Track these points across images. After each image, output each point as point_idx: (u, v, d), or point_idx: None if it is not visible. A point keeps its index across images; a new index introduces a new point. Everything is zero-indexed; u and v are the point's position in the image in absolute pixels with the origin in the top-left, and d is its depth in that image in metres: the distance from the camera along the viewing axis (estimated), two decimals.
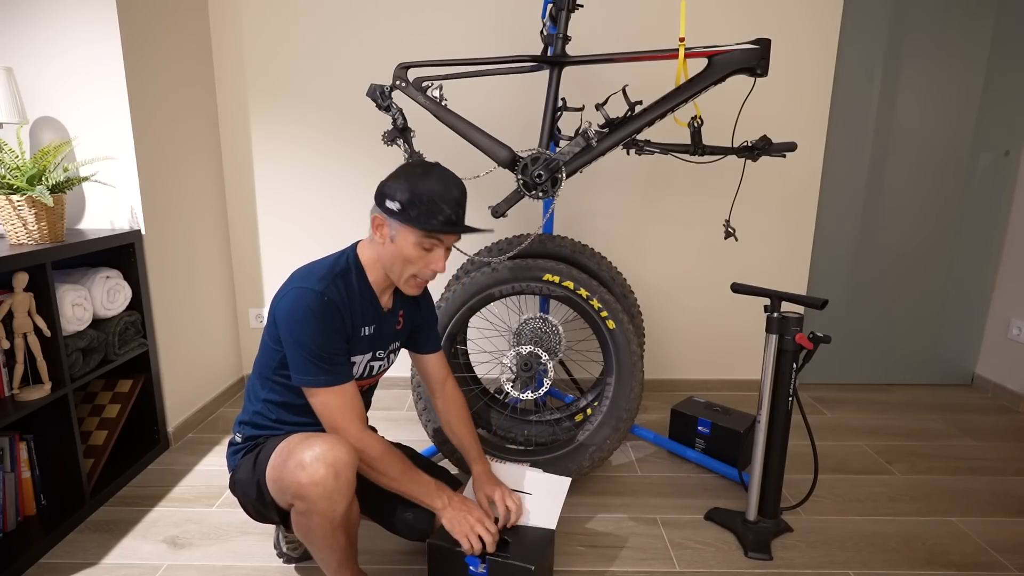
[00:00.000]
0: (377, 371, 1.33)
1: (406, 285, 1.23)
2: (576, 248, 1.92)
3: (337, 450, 1.08)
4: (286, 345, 1.16)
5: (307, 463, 1.06)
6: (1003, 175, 2.41)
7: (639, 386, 1.69)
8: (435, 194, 1.14)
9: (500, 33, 2.25)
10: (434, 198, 1.14)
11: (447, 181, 1.17)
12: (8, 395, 1.46)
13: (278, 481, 1.11)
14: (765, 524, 1.54)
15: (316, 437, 1.11)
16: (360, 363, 1.26)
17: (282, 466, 1.10)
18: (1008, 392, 2.43)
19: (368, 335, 1.25)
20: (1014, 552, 1.49)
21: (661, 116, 1.60)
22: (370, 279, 1.24)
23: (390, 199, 1.15)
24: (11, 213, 1.53)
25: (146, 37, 1.87)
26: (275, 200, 2.40)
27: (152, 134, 1.90)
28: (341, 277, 1.19)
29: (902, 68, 2.32)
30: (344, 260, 1.23)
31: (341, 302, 1.16)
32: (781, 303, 1.46)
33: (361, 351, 1.25)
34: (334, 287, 1.16)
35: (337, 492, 1.07)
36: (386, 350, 1.32)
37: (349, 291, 1.19)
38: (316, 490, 1.05)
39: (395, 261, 1.19)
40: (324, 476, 1.05)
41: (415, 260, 1.18)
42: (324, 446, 1.08)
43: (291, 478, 1.07)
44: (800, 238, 2.45)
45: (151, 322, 1.89)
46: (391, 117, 1.57)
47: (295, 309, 1.13)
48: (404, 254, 1.18)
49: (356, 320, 1.20)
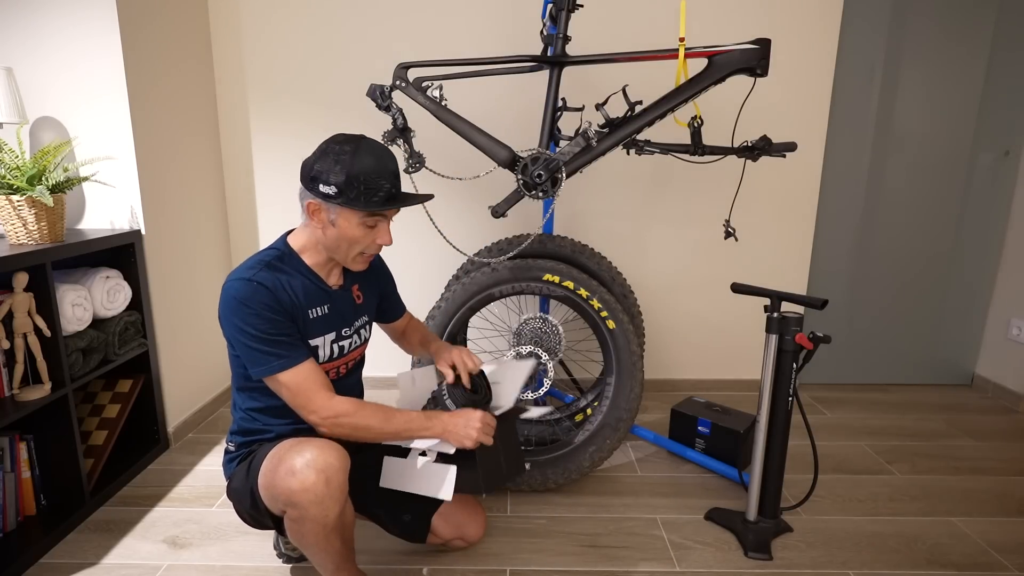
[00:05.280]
0: (350, 349, 1.30)
1: (354, 263, 1.22)
2: (576, 248, 1.92)
3: (327, 454, 1.07)
4: (232, 342, 1.14)
5: (297, 469, 1.05)
6: (1003, 175, 2.41)
7: (639, 386, 1.69)
8: (371, 171, 1.12)
9: (500, 33, 2.25)
10: (371, 175, 1.11)
11: (379, 155, 1.14)
12: (8, 395, 1.46)
13: (269, 488, 1.10)
14: (765, 524, 1.54)
15: (306, 442, 1.09)
16: (323, 345, 1.23)
17: (273, 473, 1.09)
18: (1008, 392, 2.43)
19: (321, 316, 1.22)
20: (1014, 552, 1.49)
21: (661, 116, 1.60)
22: (309, 263, 1.22)
23: (324, 184, 1.11)
24: (11, 213, 1.53)
25: (146, 37, 1.87)
26: (275, 200, 2.40)
27: (152, 134, 1.90)
28: (268, 266, 1.16)
29: (902, 68, 2.32)
30: (272, 251, 1.21)
31: (273, 285, 1.13)
32: (781, 303, 1.46)
33: (319, 332, 1.22)
34: (263, 274, 1.14)
35: (329, 497, 1.06)
36: (351, 327, 1.30)
37: (282, 276, 1.16)
38: (307, 496, 1.04)
39: (339, 243, 1.17)
40: (315, 482, 1.04)
41: (360, 239, 1.17)
42: (314, 451, 1.06)
43: (282, 485, 1.06)
44: (800, 238, 2.45)
45: (151, 322, 1.89)
46: (391, 117, 1.57)
47: (226, 302, 1.12)
48: (348, 236, 1.16)
49: (299, 302, 1.17)
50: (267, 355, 1.11)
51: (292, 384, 1.13)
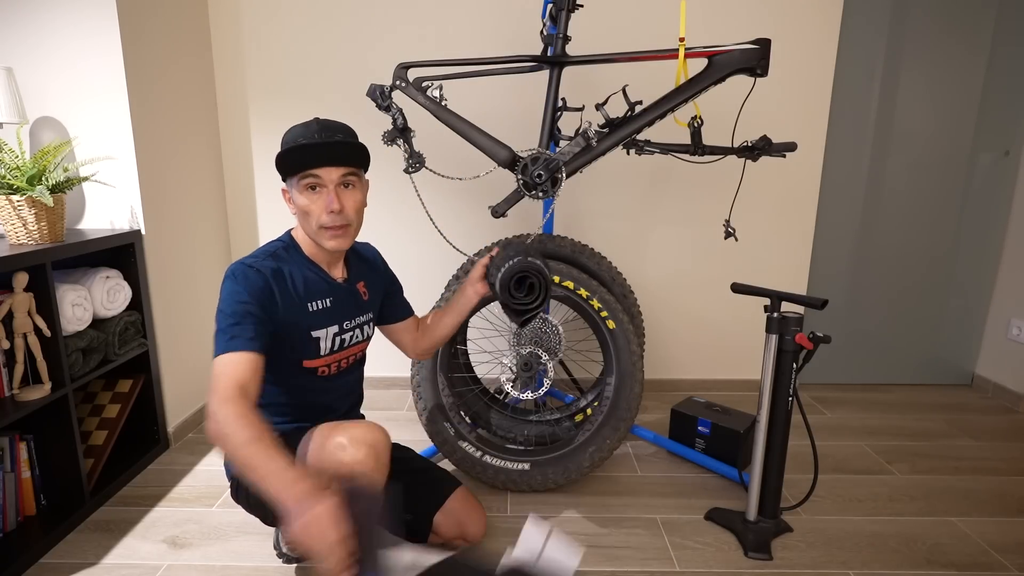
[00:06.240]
0: (351, 343, 1.31)
1: (323, 238, 1.19)
2: (576, 248, 1.92)
3: (375, 431, 1.11)
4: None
5: (347, 444, 1.07)
6: (1003, 175, 2.41)
7: (639, 386, 1.69)
8: (296, 134, 1.16)
9: (500, 33, 2.25)
10: (295, 137, 1.15)
11: (311, 124, 1.17)
12: (8, 395, 1.46)
13: (315, 465, 1.10)
14: (765, 524, 1.54)
15: (351, 423, 1.14)
16: (325, 337, 1.24)
17: (320, 449, 1.10)
18: (1008, 392, 2.43)
19: (323, 309, 1.23)
20: (1014, 552, 1.49)
21: (661, 116, 1.60)
22: (309, 254, 1.24)
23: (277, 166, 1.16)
24: (11, 213, 1.53)
25: (146, 36, 1.87)
26: (275, 200, 2.40)
27: (152, 134, 1.90)
28: (273, 255, 1.20)
29: (902, 68, 2.32)
30: (278, 242, 1.25)
31: (271, 273, 1.15)
32: (781, 303, 1.46)
33: (321, 325, 1.23)
34: (267, 262, 1.17)
35: (376, 471, 1.09)
36: (353, 321, 1.30)
37: (286, 266, 1.19)
38: (359, 469, 1.07)
39: (303, 221, 1.20)
40: (366, 455, 1.07)
41: (312, 209, 1.17)
42: (363, 428, 1.11)
43: (332, 459, 1.07)
44: (800, 238, 2.45)
45: (151, 322, 1.89)
46: (391, 117, 1.57)
47: (222, 286, 1.13)
48: (301, 207, 1.17)
49: (299, 293, 1.19)
50: (220, 337, 1.09)
51: (217, 369, 1.04)
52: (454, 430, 1.74)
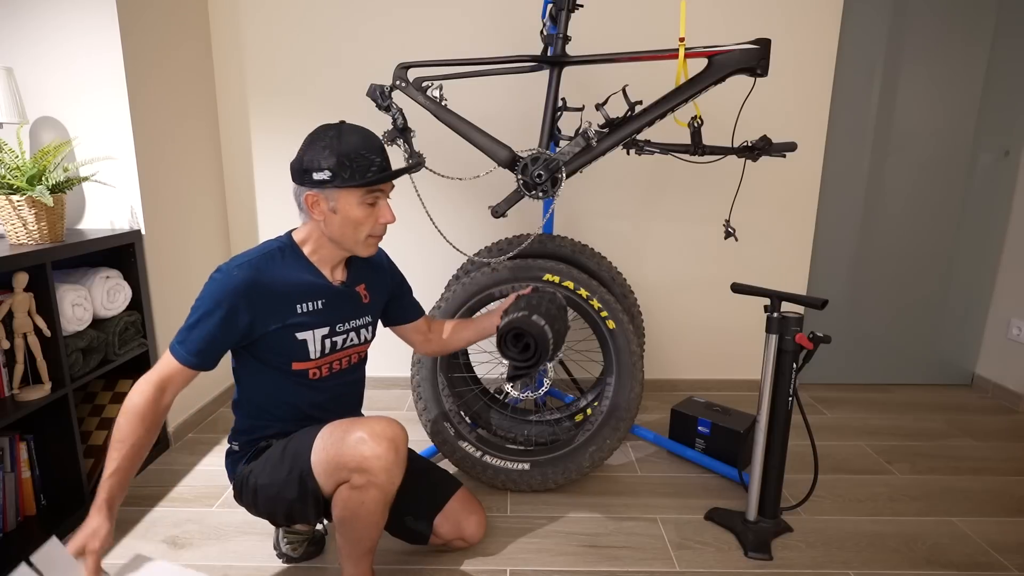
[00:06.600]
0: (343, 346, 1.28)
1: (364, 248, 1.21)
2: (576, 248, 1.92)
3: (393, 426, 1.13)
4: None
5: (368, 438, 1.09)
6: (1003, 175, 2.41)
7: (639, 386, 1.69)
8: (360, 147, 1.13)
9: (500, 33, 2.25)
10: (361, 152, 1.13)
11: (362, 133, 1.17)
12: (8, 395, 1.46)
13: (335, 459, 1.11)
14: (765, 524, 1.54)
15: (369, 418, 1.16)
16: (312, 339, 1.21)
17: (340, 443, 1.11)
18: (1008, 392, 2.43)
19: (313, 310, 1.21)
20: (1014, 552, 1.49)
21: (661, 116, 1.60)
22: (312, 258, 1.22)
23: (316, 171, 1.12)
24: (11, 213, 1.53)
25: (146, 36, 1.87)
26: (275, 200, 2.40)
27: (152, 134, 1.90)
28: (269, 256, 1.18)
29: (902, 68, 2.32)
30: (276, 243, 1.22)
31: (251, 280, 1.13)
32: (781, 303, 1.46)
33: (307, 327, 1.20)
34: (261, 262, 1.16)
35: (396, 465, 1.11)
36: (348, 324, 1.28)
37: (276, 268, 1.17)
38: (379, 463, 1.08)
39: (345, 229, 1.17)
40: (386, 449, 1.09)
41: (364, 220, 1.17)
42: (382, 423, 1.12)
43: (352, 453, 1.09)
44: (800, 238, 2.45)
45: (151, 322, 1.89)
46: (391, 117, 1.57)
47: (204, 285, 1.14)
48: (352, 218, 1.16)
49: (285, 295, 1.17)
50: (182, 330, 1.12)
51: (163, 356, 1.14)
52: (454, 430, 1.74)
